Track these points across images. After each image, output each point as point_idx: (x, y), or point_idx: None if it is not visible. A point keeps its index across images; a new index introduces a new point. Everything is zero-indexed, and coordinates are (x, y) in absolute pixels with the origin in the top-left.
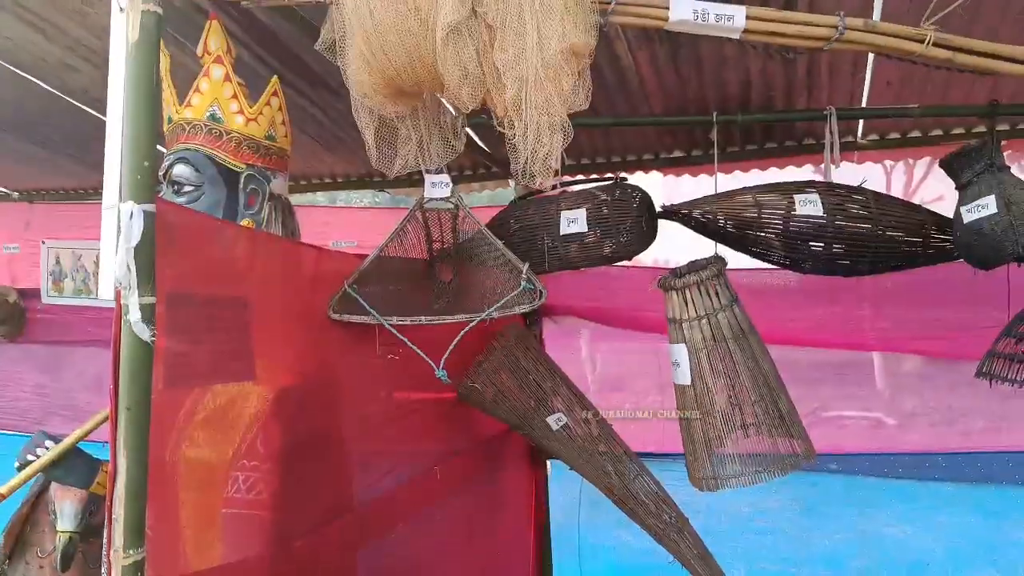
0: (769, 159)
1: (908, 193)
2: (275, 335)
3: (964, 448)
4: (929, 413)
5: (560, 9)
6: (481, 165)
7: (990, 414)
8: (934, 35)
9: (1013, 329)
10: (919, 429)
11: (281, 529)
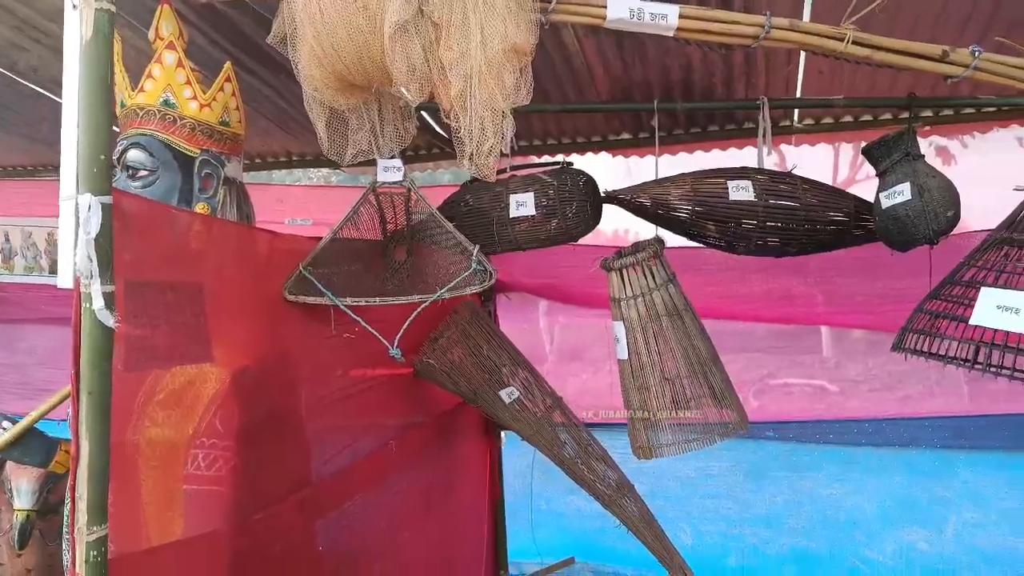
0: (711, 141)
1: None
2: (232, 317)
3: (902, 414)
4: (870, 380)
5: (502, 9)
6: (435, 145)
7: (926, 380)
8: (853, 34)
9: (924, 306)
10: (860, 395)
11: (240, 504)
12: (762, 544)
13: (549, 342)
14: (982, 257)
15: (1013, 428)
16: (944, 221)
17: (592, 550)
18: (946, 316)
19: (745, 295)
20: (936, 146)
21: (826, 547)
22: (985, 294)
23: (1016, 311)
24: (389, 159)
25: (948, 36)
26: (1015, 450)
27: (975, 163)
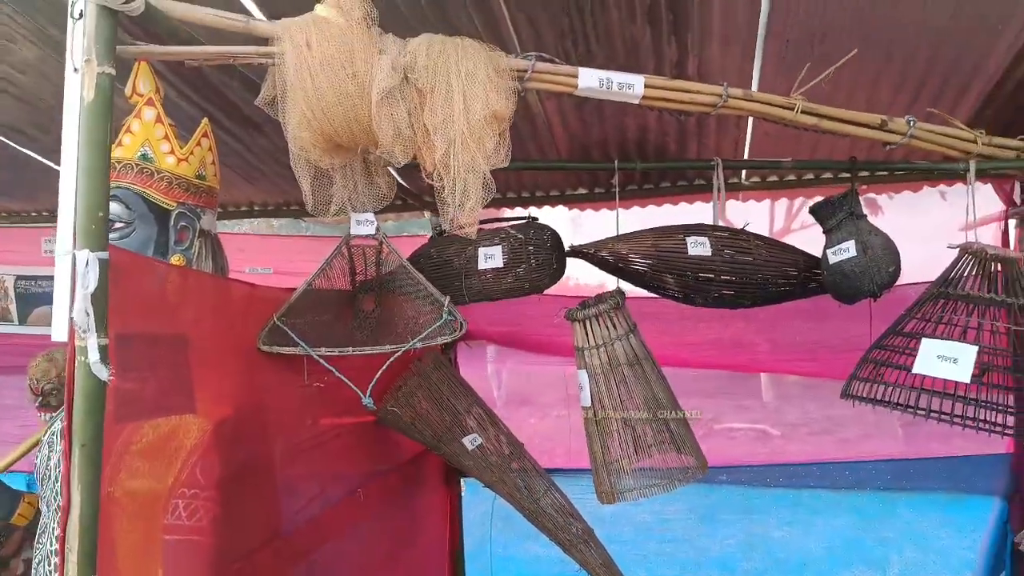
0: (664, 197)
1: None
2: (213, 368)
3: (841, 457)
4: (809, 423)
5: (483, 78)
6: (397, 196)
7: (864, 423)
8: (802, 104)
9: (870, 355)
10: (800, 438)
11: (221, 553)
12: None
13: (497, 387)
14: (921, 309)
15: (948, 470)
16: (886, 276)
17: None
18: (890, 365)
19: (698, 343)
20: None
21: None
22: (926, 345)
23: (954, 360)
24: (362, 212)
25: (880, 103)
26: (951, 491)
27: (905, 218)
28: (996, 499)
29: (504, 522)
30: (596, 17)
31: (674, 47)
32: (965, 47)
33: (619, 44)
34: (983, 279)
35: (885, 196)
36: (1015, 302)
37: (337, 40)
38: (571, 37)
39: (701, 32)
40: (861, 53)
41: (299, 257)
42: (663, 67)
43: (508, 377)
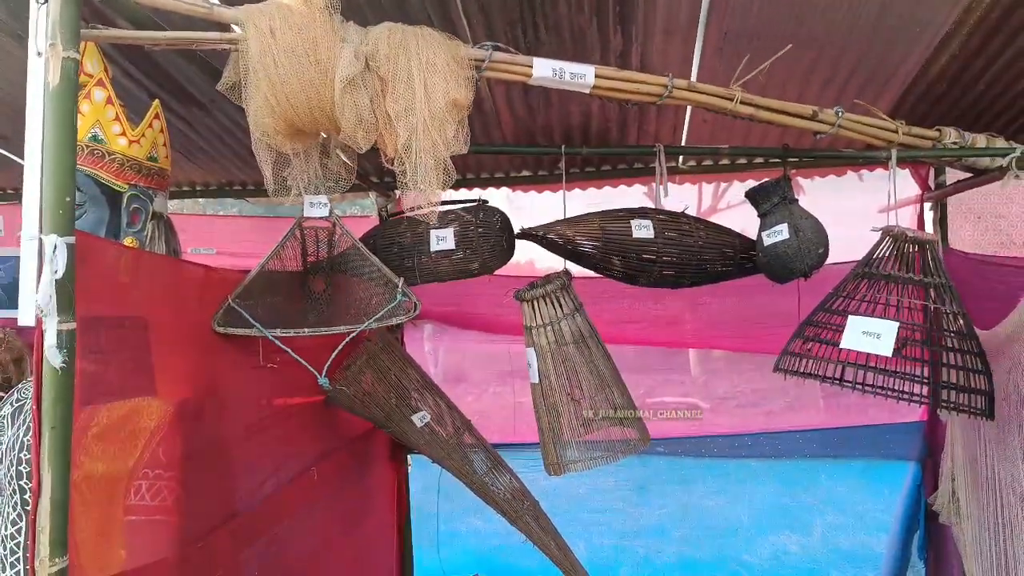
0: (606, 180)
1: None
2: (173, 350)
3: (767, 428)
4: (737, 396)
5: (443, 67)
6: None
7: (788, 396)
8: (741, 95)
9: (801, 331)
10: (729, 411)
11: (184, 533)
12: (652, 554)
13: (434, 365)
14: (847, 288)
15: (867, 438)
16: (816, 257)
17: (495, 567)
18: (818, 340)
19: (639, 321)
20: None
21: (710, 554)
22: (852, 321)
23: (878, 336)
24: (315, 195)
25: (811, 95)
26: (870, 457)
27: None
28: (911, 464)
29: (449, 496)
30: (546, 7)
31: (619, 37)
32: (889, 45)
33: (567, 34)
34: (902, 260)
35: (808, 180)
36: (931, 281)
37: (300, 28)
38: (520, 25)
39: (645, 24)
40: (794, 48)
41: (243, 237)
42: (608, 57)
43: (444, 355)
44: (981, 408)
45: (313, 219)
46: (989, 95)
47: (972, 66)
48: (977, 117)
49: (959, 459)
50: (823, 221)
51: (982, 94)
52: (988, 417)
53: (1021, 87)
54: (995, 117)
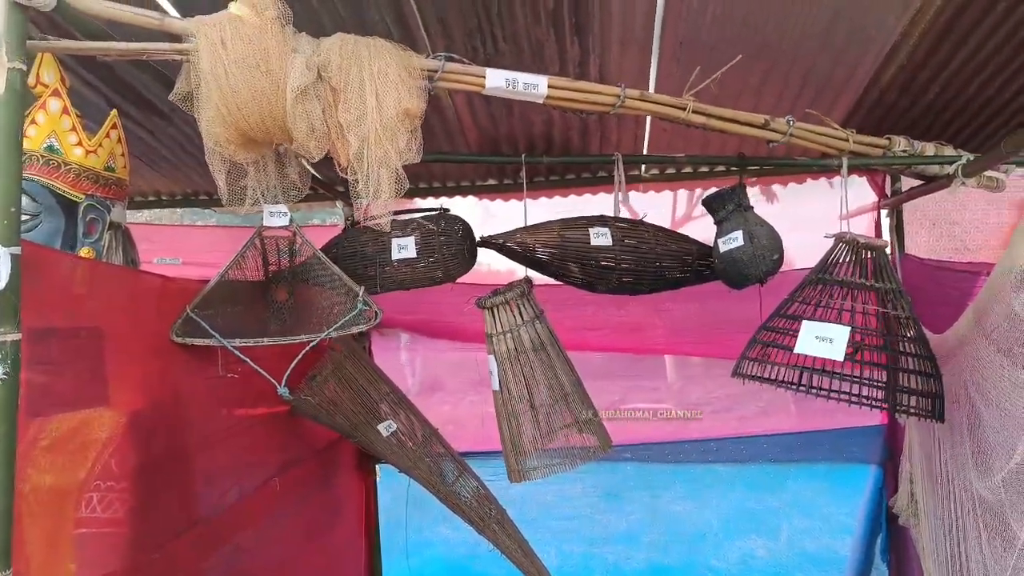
0: (570, 188)
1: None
2: (128, 361)
3: (738, 433)
4: (711, 402)
5: (395, 77)
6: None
7: (761, 401)
8: (693, 104)
9: (758, 337)
10: (702, 417)
11: (138, 544)
12: (622, 560)
13: (411, 375)
14: (802, 293)
15: (831, 442)
16: (771, 263)
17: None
18: (775, 345)
19: (602, 328)
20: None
21: (679, 559)
22: (806, 326)
23: (830, 340)
24: (275, 204)
25: (766, 105)
26: (834, 461)
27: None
28: (872, 467)
29: (418, 505)
30: (503, 18)
31: (577, 48)
32: (840, 55)
33: (525, 44)
34: (856, 265)
35: (782, 187)
36: (882, 286)
37: (251, 38)
38: (479, 36)
39: (601, 35)
40: (749, 58)
41: (208, 247)
42: (567, 67)
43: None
44: (932, 411)
45: (273, 228)
46: (939, 104)
47: (920, 76)
48: (929, 126)
49: (917, 462)
50: (791, 227)
51: (932, 103)
52: (939, 419)
53: (969, 96)
54: (946, 125)
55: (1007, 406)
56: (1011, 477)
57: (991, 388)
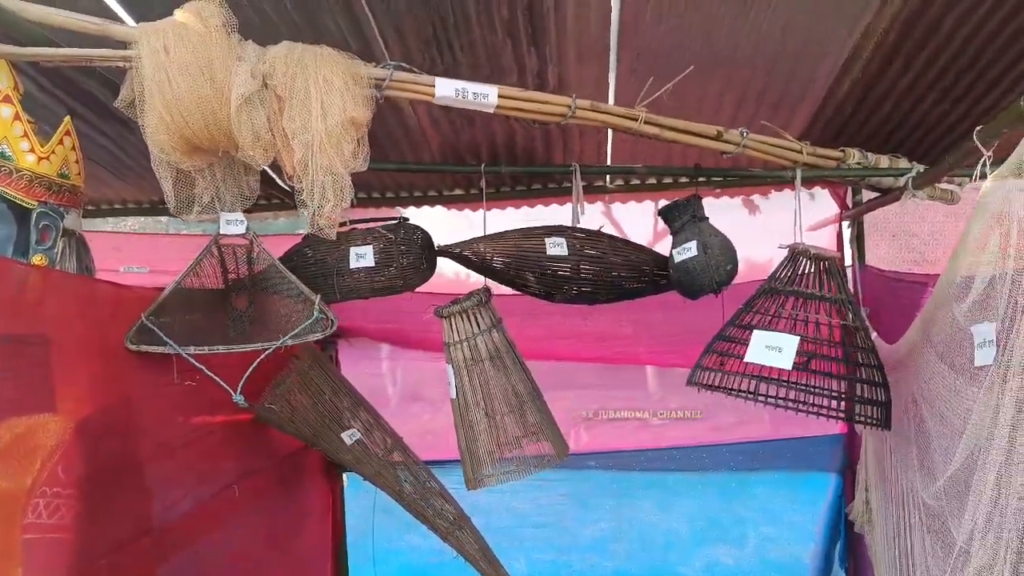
0: (532, 199)
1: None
2: (76, 368)
3: (707, 441)
4: (689, 411)
5: (340, 86)
6: (275, 196)
7: (737, 411)
8: (645, 115)
9: (713, 346)
10: (679, 426)
11: (85, 550)
12: (588, 568)
13: (392, 384)
14: (756, 303)
15: (796, 450)
16: (724, 273)
17: None
18: (729, 355)
19: (565, 336)
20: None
21: (647, 567)
22: (756, 336)
23: (779, 349)
24: (231, 212)
25: (725, 117)
26: (798, 470)
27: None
28: (833, 475)
29: (386, 513)
30: (459, 28)
31: (534, 58)
32: (795, 68)
33: (482, 54)
34: (808, 275)
35: (764, 198)
36: (832, 296)
37: (195, 46)
38: (436, 46)
39: (558, 45)
40: (706, 70)
41: (176, 256)
42: (525, 77)
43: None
44: (879, 419)
45: (231, 237)
46: (895, 117)
47: (876, 89)
48: (887, 138)
49: (871, 470)
50: (768, 237)
51: (888, 116)
52: (885, 427)
53: (924, 110)
54: (905, 137)
55: (947, 414)
56: (950, 483)
57: (935, 396)
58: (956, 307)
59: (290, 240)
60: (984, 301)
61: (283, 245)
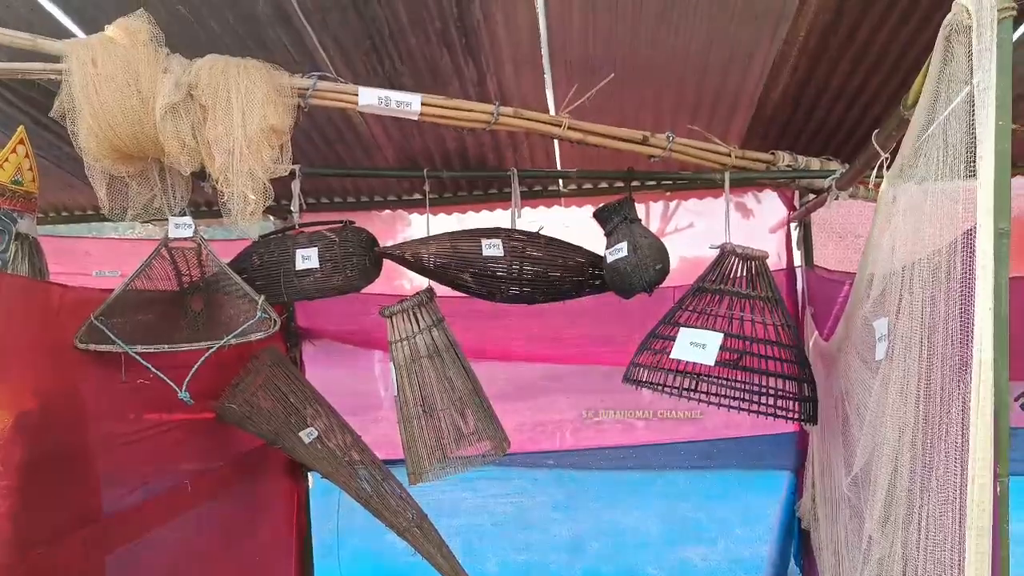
0: (481, 203)
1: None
2: (16, 364)
3: (667, 439)
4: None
5: (262, 96)
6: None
7: (724, 412)
8: (568, 121)
9: (647, 343)
10: (665, 428)
11: (20, 539)
12: (562, 568)
13: (384, 387)
14: (687, 301)
15: (752, 448)
16: (654, 273)
17: None
18: (660, 352)
19: (516, 337)
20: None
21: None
22: (683, 333)
23: (703, 346)
24: (180, 216)
25: (664, 123)
26: (754, 468)
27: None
28: (787, 473)
29: (351, 510)
30: (396, 39)
31: (472, 68)
32: (724, 75)
33: (422, 64)
34: (737, 275)
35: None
36: (757, 294)
37: (122, 59)
38: (376, 56)
39: (494, 55)
40: (638, 80)
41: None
42: (466, 87)
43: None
44: (803, 414)
45: (179, 240)
46: (831, 121)
47: (807, 93)
48: (826, 141)
49: (816, 467)
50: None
51: (824, 119)
52: (811, 423)
53: (857, 113)
54: (843, 140)
55: (860, 407)
56: (861, 475)
57: (853, 391)
58: (865, 304)
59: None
60: (881, 297)
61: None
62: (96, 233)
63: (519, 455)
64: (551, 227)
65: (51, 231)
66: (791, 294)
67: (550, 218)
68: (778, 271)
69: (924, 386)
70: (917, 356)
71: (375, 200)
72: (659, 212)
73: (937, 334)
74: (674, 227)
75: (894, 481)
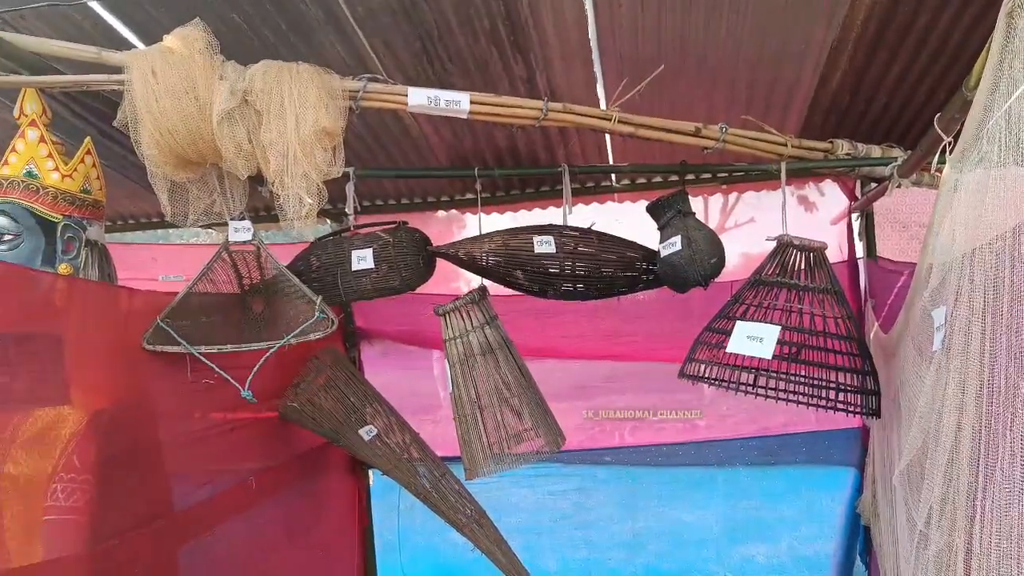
0: (534, 201)
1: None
2: (90, 365)
3: (730, 435)
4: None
5: (315, 99)
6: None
7: (786, 411)
8: (618, 115)
9: (702, 338)
10: (726, 428)
11: (96, 531)
12: (622, 565)
13: (443, 388)
14: (744, 295)
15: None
16: (709, 266)
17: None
18: (717, 347)
19: (577, 335)
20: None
21: (679, 564)
22: (739, 326)
23: (761, 340)
24: (239, 220)
25: (718, 116)
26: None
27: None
28: (852, 469)
29: (413, 506)
30: (445, 40)
31: (521, 66)
32: (778, 65)
33: (471, 64)
34: (795, 266)
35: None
36: (817, 286)
37: (180, 68)
38: (425, 57)
39: (543, 52)
40: (690, 73)
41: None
42: (516, 84)
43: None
44: (865, 407)
45: (239, 244)
46: (894, 107)
47: (866, 80)
48: (889, 128)
49: (876, 462)
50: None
51: (887, 105)
52: (875, 416)
53: (921, 98)
54: (907, 126)
55: (913, 399)
56: (911, 467)
57: (908, 382)
58: (924, 294)
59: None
60: (940, 286)
61: None
62: (162, 240)
63: (577, 452)
64: (604, 223)
65: (119, 239)
66: (853, 286)
67: (603, 214)
68: (840, 263)
69: (987, 376)
70: (979, 345)
71: (428, 201)
72: (718, 207)
73: (1000, 322)
74: (734, 222)
75: (950, 473)
